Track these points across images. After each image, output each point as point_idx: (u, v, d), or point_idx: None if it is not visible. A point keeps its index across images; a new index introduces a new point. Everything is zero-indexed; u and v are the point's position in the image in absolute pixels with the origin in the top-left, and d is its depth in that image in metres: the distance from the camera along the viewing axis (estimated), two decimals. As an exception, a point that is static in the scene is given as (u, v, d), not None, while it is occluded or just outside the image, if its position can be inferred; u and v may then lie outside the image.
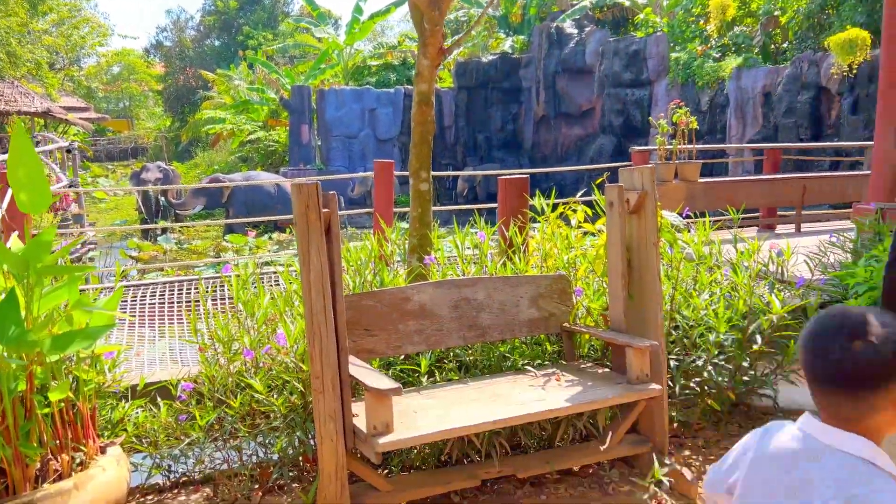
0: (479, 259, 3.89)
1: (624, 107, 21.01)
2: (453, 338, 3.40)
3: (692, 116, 7.80)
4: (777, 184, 8.39)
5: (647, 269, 3.40)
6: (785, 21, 18.57)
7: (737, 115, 17.44)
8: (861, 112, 14.79)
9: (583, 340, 3.80)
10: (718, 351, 3.68)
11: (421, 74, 3.56)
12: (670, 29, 21.51)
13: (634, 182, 3.42)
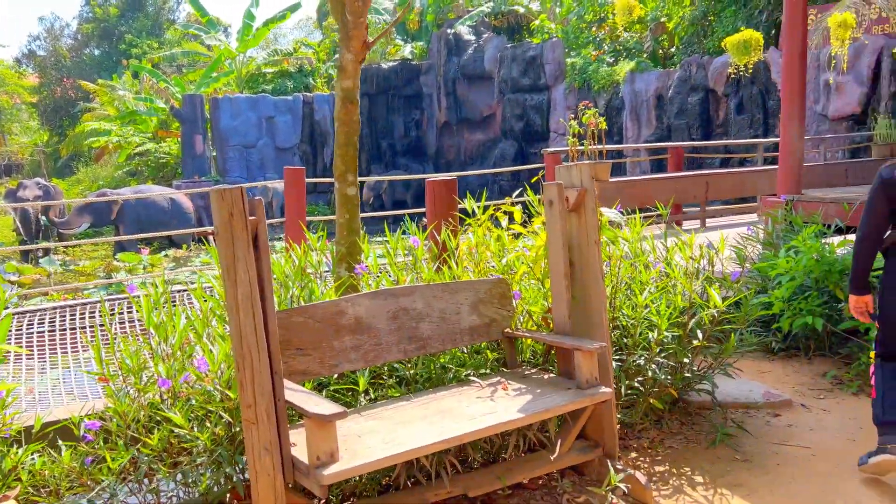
0: (412, 266, 3.67)
1: (524, 111, 21.34)
2: (393, 352, 3.16)
3: (601, 117, 7.89)
4: (682, 181, 8.63)
5: (590, 268, 3.29)
6: (672, 27, 19.41)
7: (632, 117, 18.04)
8: (746, 112, 15.62)
9: (524, 346, 3.65)
10: (660, 349, 3.62)
11: (344, 70, 3.31)
12: (565, 35, 22.07)
13: (573, 179, 3.30)
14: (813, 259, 4.43)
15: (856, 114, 13.57)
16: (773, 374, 4.64)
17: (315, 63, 27.58)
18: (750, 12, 16.69)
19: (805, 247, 4.47)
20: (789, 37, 5.62)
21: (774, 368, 4.70)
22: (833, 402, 4.21)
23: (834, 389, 4.38)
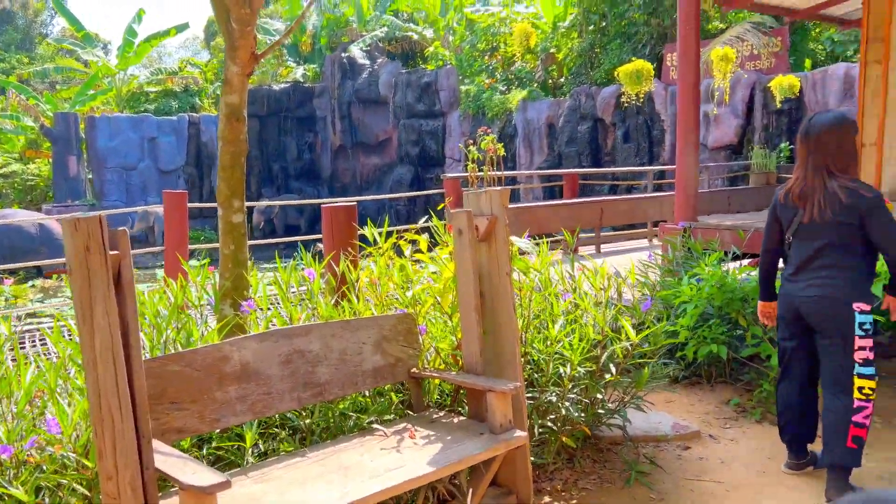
0: (308, 301, 3.32)
1: (420, 137, 21.30)
2: (286, 400, 2.80)
3: (499, 143, 7.82)
4: (578, 207, 8.69)
5: (502, 301, 3.07)
6: (561, 58, 19.99)
7: (525, 144, 18.34)
8: (632, 141, 16.21)
9: (431, 386, 3.38)
10: (573, 384, 3.44)
11: (230, 83, 2.96)
12: (458, 63, 22.28)
13: (483, 207, 3.09)
14: (715, 287, 4.43)
15: (733, 144, 14.35)
16: (679, 403, 4.59)
17: (202, 83, 26.49)
18: (634, 46, 17.42)
19: (707, 274, 4.46)
20: (683, 69, 5.73)
21: (679, 398, 4.65)
22: (739, 431, 4.18)
23: (738, 418, 4.36)
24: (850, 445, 3.21)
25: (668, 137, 15.46)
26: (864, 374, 3.19)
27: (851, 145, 3.28)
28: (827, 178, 3.24)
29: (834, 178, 3.23)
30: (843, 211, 3.17)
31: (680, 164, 5.75)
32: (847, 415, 3.21)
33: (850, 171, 3.26)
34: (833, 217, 3.19)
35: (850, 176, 3.24)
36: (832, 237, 3.21)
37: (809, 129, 3.32)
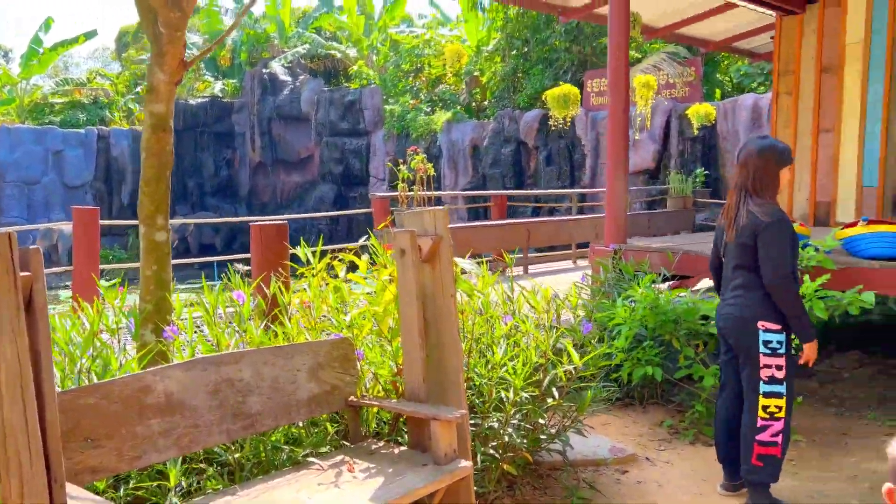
0: (237, 326, 3.11)
1: (343, 155, 21.04)
2: (214, 434, 2.58)
3: (429, 163, 7.76)
4: (506, 229, 8.71)
5: (446, 324, 2.96)
6: (485, 81, 20.24)
7: (450, 165, 18.39)
8: (554, 164, 16.51)
9: (369, 415, 3.21)
10: (515, 409, 3.35)
11: (156, 92, 2.74)
12: (383, 82, 22.22)
13: (426, 226, 2.97)
14: (648, 309, 4.46)
15: (650, 169, 14.83)
16: (614, 426, 4.58)
17: (113, 95, 25.36)
18: (556, 72, 17.83)
19: (640, 296, 4.49)
20: (614, 96, 5.83)
21: (614, 420, 4.65)
22: (673, 453, 4.19)
23: (672, 439, 4.39)
24: (756, 463, 3.27)
25: (588, 161, 15.83)
26: (768, 392, 3.23)
27: (773, 172, 3.34)
28: (743, 201, 3.33)
29: (750, 200, 3.31)
30: (743, 232, 3.27)
31: (610, 188, 5.82)
32: (752, 433, 3.27)
33: (767, 197, 3.32)
34: (737, 238, 3.30)
35: (766, 200, 3.30)
36: (741, 258, 3.31)
37: (740, 152, 3.44)
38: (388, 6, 24.77)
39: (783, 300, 3.18)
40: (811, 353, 3.27)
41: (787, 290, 3.17)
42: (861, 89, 7.30)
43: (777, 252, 3.18)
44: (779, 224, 3.21)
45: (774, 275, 3.17)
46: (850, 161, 7.43)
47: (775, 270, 3.17)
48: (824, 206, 7.66)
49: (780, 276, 3.17)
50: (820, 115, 7.63)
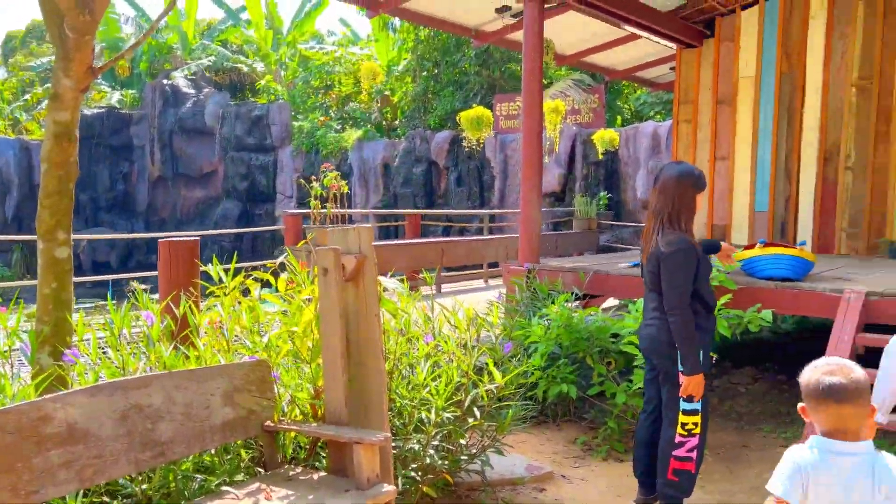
0: (145, 348, 2.93)
1: (249, 171, 20.49)
2: (121, 464, 2.40)
3: (343, 181, 7.66)
4: (420, 247, 8.70)
5: (369, 345, 2.89)
6: (396, 100, 20.31)
7: (361, 183, 18.28)
8: (465, 185, 16.71)
9: (286, 440, 3.09)
10: (437, 430, 3.31)
11: (61, 99, 2.55)
12: (291, 98, 21.87)
13: (350, 244, 2.91)
14: (562, 327, 4.54)
15: (556, 191, 15.26)
16: (531, 443, 4.62)
17: (-2, 102, 23.78)
18: (466, 94, 18.11)
19: (555, 315, 4.57)
20: (528, 118, 5.95)
21: (531, 438, 4.69)
22: (588, 469, 4.26)
23: (586, 456, 4.46)
24: (671, 478, 3.35)
25: (497, 183, 16.12)
26: (686, 409, 3.32)
27: (690, 197, 3.38)
28: (658, 227, 3.38)
29: (663, 226, 3.36)
30: (651, 259, 3.36)
31: (524, 210, 5.92)
32: (669, 448, 3.35)
33: (682, 222, 3.36)
34: (648, 264, 3.40)
35: (679, 227, 3.35)
36: (653, 282, 3.40)
37: (657, 177, 3.49)
38: (298, 22, 24.49)
39: (675, 328, 3.23)
40: (692, 385, 3.24)
41: (679, 319, 3.21)
42: (753, 120, 7.80)
43: (674, 282, 3.24)
44: (677, 254, 3.24)
45: (669, 303, 3.25)
46: (743, 187, 7.90)
47: (670, 299, 3.25)
48: (720, 229, 8.09)
49: (674, 306, 3.23)
50: (716, 144, 8.09)
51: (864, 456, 1.79)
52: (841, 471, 1.79)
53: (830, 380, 1.82)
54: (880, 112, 6.99)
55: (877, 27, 6.97)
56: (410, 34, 19.30)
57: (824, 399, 1.82)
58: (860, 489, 1.77)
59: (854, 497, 1.77)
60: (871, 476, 1.77)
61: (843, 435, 1.81)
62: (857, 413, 1.80)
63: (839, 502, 1.79)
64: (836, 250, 7.26)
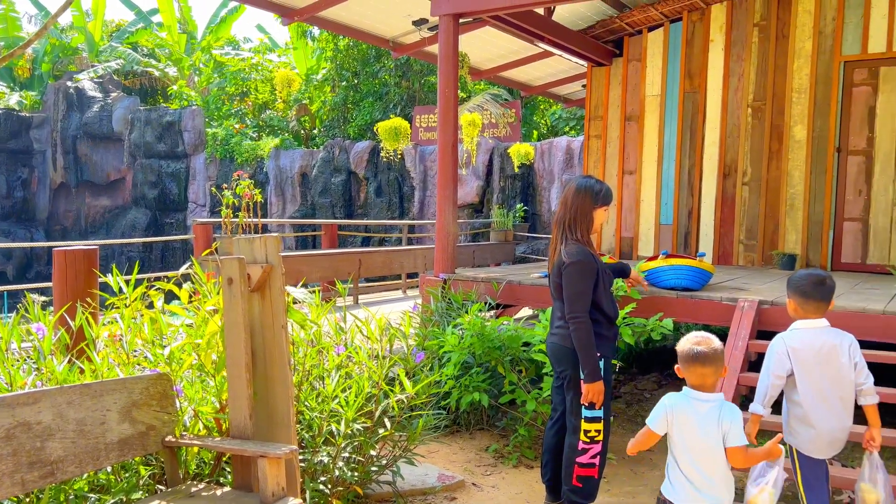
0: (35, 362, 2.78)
1: (159, 179, 19.79)
2: (5, 486, 2.27)
3: (257, 189, 7.52)
4: (337, 258, 8.62)
5: (276, 357, 2.84)
6: (314, 109, 20.09)
7: (277, 192, 17.96)
8: (384, 195, 16.69)
9: (189, 455, 3.00)
10: (346, 442, 3.29)
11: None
12: (205, 104, 21.30)
13: (256, 254, 2.86)
14: (475, 336, 4.60)
15: (474, 203, 15.45)
16: (442, 453, 4.64)
17: None
18: (385, 105, 18.12)
19: (468, 324, 4.62)
20: (443, 130, 6.01)
21: (443, 448, 4.71)
22: (499, 477, 4.32)
23: (497, 464, 4.52)
24: (576, 484, 3.43)
25: (417, 194, 16.18)
26: (589, 417, 3.40)
27: (586, 210, 3.48)
28: (561, 237, 3.49)
29: (566, 237, 3.47)
30: (555, 269, 3.47)
31: (440, 220, 5.97)
32: (572, 455, 3.43)
33: (578, 233, 3.46)
34: (553, 274, 3.50)
35: (577, 237, 3.45)
36: (558, 291, 3.49)
37: (563, 190, 3.62)
38: (213, 27, 23.90)
39: (575, 336, 3.33)
40: (592, 393, 3.30)
41: (580, 328, 3.31)
42: (658, 137, 8.15)
43: (574, 291, 3.34)
44: (576, 265, 3.34)
45: (570, 312, 3.35)
46: (649, 201, 8.23)
47: (572, 308, 3.34)
48: (628, 240, 8.39)
49: (574, 314, 3.33)
50: (624, 159, 8.40)
51: (716, 402, 2.54)
52: (698, 411, 2.54)
53: (698, 348, 2.54)
54: (773, 131, 7.44)
55: (769, 52, 7.43)
56: (329, 43, 19.17)
57: (692, 362, 2.55)
58: (709, 424, 2.51)
59: (704, 430, 2.52)
60: (718, 416, 2.51)
61: (702, 388, 2.55)
62: (715, 372, 2.54)
63: (695, 432, 2.53)
64: (735, 261, 7.66)
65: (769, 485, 2.81)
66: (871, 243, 7.02)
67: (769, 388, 3.03)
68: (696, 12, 7.87)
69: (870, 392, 2.97)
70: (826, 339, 2.98)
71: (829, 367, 2.96)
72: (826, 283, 3.01)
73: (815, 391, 2.97)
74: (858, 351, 2.99)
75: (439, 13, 6.08)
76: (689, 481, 2.56)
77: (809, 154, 7.24)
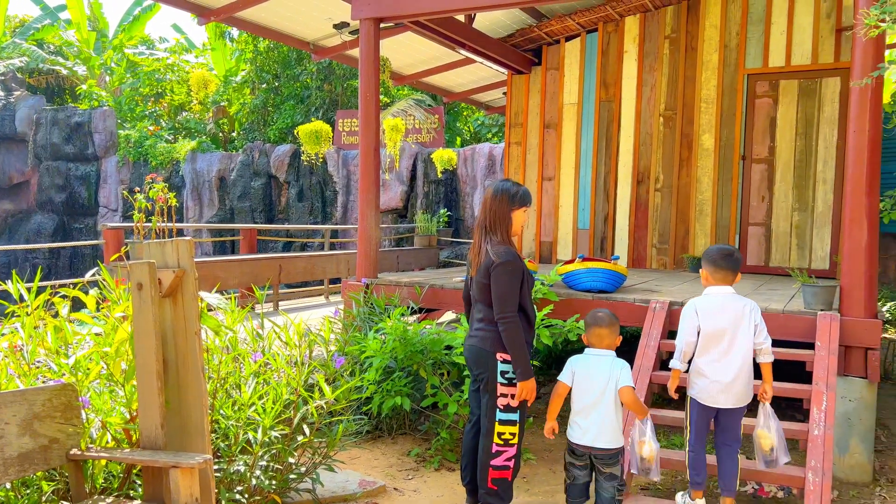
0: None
1: (67, 182, 18.86)
2: None
3: (171, 193, 7.28)
4: (257, 263, 8.44)
5: (189, 364, 2.76)
6: (233, 112, 19.63)
7: (194, 196, 17.42)
8: (306, 200, 16.45)
9: (96, 469, 2.87)
10: (264, 450, 3.23)
11: None
12: (117, 105, 20.46)
13: (168, 258, 2.77)
14: (398, 341, 4.60)
15: (398, 208, 15.43)
16: (364, 459, 4.61)
17: None
18: (307, 108, 17.88)
19: (390, 329, 4.62)
20: (365, 135, 5.99)
21: (364, 453, 4.68)
22: (420, 481, 4.33)
23: (419, 468, 4.53)
24: (491, 486, 3.46)
25: (340, 198, 16.02)
26: (504, 420, 3.44)
27: (504, 212, 3.54)
28: (484, 239, 3.54)
29: (490, 239, 3.52)
30: (480, 270, 3.49)
31: (362, 225, 5.94)
32: (487, 458, 3.46)
33: (498, 234, 3.52)
34: (477, 275, 3.51)
35: (503, 239, 3.51)
36: (481, 294, 3.51)
37: (485, 194, 3.67)
38: (126, 25, 23.01)
39: (506, 335, 3.38)
40: (525, 390, 3.39)
41: (510, 326, 3.36)
42: (575, 144, 8.37)
43: (504, 291, 3.38)
44: (507, 265, 3.39)
45: (501, 311, 3.38)
46: (567, 206, 8.44)
47: (502, 308, 3.38)
48: (548, 244, 8.58)
49: (505, 314, 3.37)
50: (543, 165, 8.59)
51: (609, 356, 3.34)
52: (595, 365, 3.32)
53: (597, 315, 3.39)
54: (683, 140, 7.77)
55: (679, 64, 7.77)
56: (249, 45, 18.77)
57: (593, 325, 3.37)
58: (602, 372, 3.29)
59: (598, 377, 3.28)
60: (611, 365, 3.30)
61: (600, 346, 3.35)
62: (610, 334, 3.35)
63: (590, 381, 3.29)
64: (648, 265, 7.95)
65: (647, 437, 3.46)
66: (773, 246, 7.42)
67: (684, 345, 3.54)
68: (611, 23, 8.14)
69: (766, 352, 3.47)
70: (730, 302, 3.49)
71: (731, 328, 3.45)
72: (734, 256, 3.54)
73: (716, 348, 3.47)
74: (759, 315, 3.49)
75: (360, 17, 6.06)
76: (583, 423, 3.30)
77: (717, 162, 7.60)
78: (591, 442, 3.27)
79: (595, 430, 3.27)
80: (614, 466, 3.29)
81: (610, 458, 3.28)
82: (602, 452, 3.27)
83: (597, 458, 3.30)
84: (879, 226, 4.66)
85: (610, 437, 3.27)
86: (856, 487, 4.31)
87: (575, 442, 3.33)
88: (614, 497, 3.33)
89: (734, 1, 7.51)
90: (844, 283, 4.49)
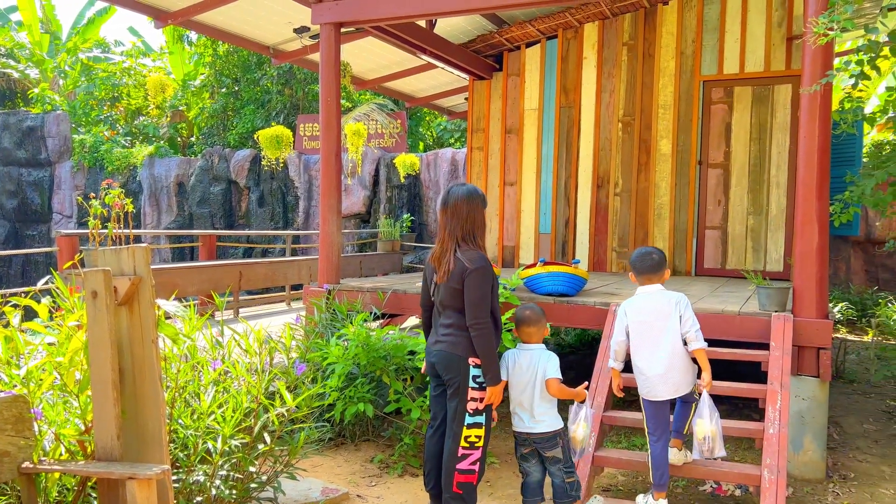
0: None
1: (19, 188, 18.35)
2: None
3: (128, 199, 7.13)
4: (216, 270, 8.32)
5: (145, 373, 2.71)
6: (192, 116, 19.33)
7: (151, 202, 17.11)
8: (267, 205, 16.28)
9: (49, 482, 2.80)
10: (224, 459, 3.18)
11: None
12: (72, 109, 19.99)
13: (124, 265, 2.72)
14: (360, 347, 4.58)
15: (361, 213, 15.37)
16: (326, 466, 4.58)
17: None
18: (268, 113, 17.71)
19: (353, 335, 4.59)
20: (326, 140, 5.96)
21: (326, 461, 4.64)
22: (384, 487, 4.31)
23: (382, 474, 4.51)
24: (456, 491, 3.46)
25: (301, 203, 15.90)
26: (471, 423, 3.45)
27: (480, 216, 3.59)
28: (455, 245, 3.52)
29: (459, 245, 3.52)
30: (454, 276, 3.47)
31: (323, 230, 5.90)
32: (452, 462, 3.46)
33: (477, 240, 3.55)
34: (448, 282, 3.49)
35: (474, 244, 3.54)
36: (451, 299, 3.50)
37: (447, 199, 3.63)
38: (80, 27, 22.50)
39: (479, 341, 3.40)
40: (494, 395, 3.44)
41: (483, 333, 3.39)
42: (537, 149, 8.45)
43: (478, 297, 3.40)
44: (481, 271, 3.42)
45: (475, 317, 3.40)
46: (529, 211, 8.51)
47: (475, 314, 3.40)
48: (510, 249, 8.64)
49: (479, 320, 3.39)
50: (505, 170, 8.65)
51: (537, 350, 3.54)
52: (525, 358, 3.53)
53: (525, 314, 3.58)
54: (641, 145, 7.91)
55: (637, 70, 7.90)
56: (208, 48, 18.53)
57: (522, 324, 3.58)
58: (531, 365, 3.50)
59: (528, 369, 3.50)
60: (538, 358, 3.51)
61: (528, 341, 3.57)
62: (537, 331, 3.56)
63: (521, 373, 3.51)
64: (609, 268, 8.05)
65: (581, 420, 3.61)
66: (730, 249, 7.59)
67: (615, 344, 3.77)
68: (570, 30, 8.24)
69: (694, 338, 3.57)
70: (657, 298, 3.65)
71: (657, 322, 3.61)
72: (651, 256, 3.71)
73: (646, 344, 3.64)
74: (686, 306, 3.61)
75: (321, 21, 6.04)
76: (521, 412, 3.52)
77: (674, 166, 7.74)
78: (528, 429, 3.50)
79: (528, 417, 3.49)
80: (555, 449, 3.50)
81: (548, 441, 3.49)
82: (539, 436, 3.48)
83: (536, 443, 3.50)
84: (830, 229, 4.79)
85: (544, 422, 3.48)
86: (810, 484, 4.43)
87: (516, 430, 3.56)
88: (564, 480, 3.51)
89: (690, 9, 7.67)
90: (797, 285, 4.61)
